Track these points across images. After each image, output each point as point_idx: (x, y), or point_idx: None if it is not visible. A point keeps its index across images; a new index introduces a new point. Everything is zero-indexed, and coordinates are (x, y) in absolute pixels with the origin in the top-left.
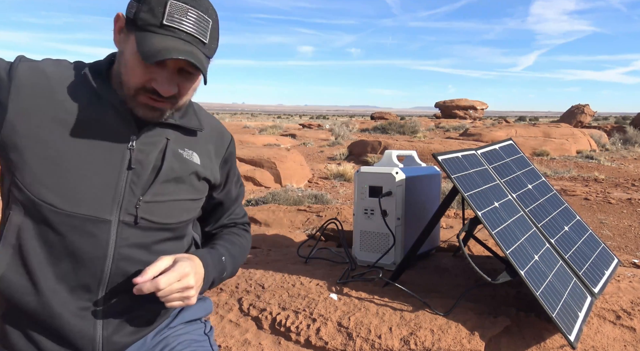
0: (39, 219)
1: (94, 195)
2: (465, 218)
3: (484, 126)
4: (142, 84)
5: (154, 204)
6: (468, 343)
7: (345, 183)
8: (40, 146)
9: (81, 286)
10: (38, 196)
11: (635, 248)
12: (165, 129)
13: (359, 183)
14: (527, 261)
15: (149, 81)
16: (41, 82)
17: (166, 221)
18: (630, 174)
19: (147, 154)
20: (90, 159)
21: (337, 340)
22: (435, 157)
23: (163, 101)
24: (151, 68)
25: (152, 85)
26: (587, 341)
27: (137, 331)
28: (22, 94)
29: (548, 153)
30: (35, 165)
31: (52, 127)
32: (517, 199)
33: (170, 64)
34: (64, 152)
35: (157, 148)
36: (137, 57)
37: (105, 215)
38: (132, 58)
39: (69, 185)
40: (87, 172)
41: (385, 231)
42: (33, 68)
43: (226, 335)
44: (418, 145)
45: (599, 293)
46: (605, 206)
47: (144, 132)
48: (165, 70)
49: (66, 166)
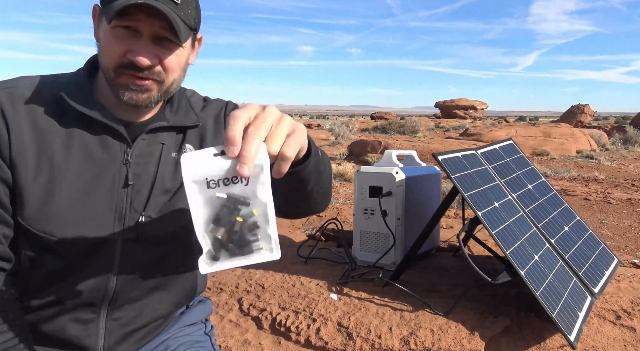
0: (43, 249)
1: (93, 218)
2: (465, 218)
3: (484, 126)
4: (119, 60)
5: (157, 218)
6: (468, 343)
7: (345, 183)
8: (33, 181)
9: (85, 303)
10: (38, 229)
11: (635, 248)
12: (159, 133)
13: (359, 183)
14: (527, 261)
15: (124, 54)
16: (25, 114)
17: (171, 231)
18: (630, 174)
19: (145, 166)
20: (85, 182)
21: (337, 340)
22: (435, 157)
23: (146, 77)
24: (125, 39)
25: (129, 57)
26: (587, 341)
27: (139, 340)
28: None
29: (548, 153)
30: (31, 200)
31: (41, 158)
32: (517, 199)
33: (143, 30)
34: (57, 181)
35: (154, 157)
36: (109, 32)
37: (107, 234)
38: (106, 36)
39: (66, 213)
40: (84, 196)
41: (385, 231)
42: (12, 97)
43: (226, 335)
44: (418, 145)
45: (599, 293)
46: (605, 206)
47: (137, 144)
48: (141, 38)
49: (61, 194)
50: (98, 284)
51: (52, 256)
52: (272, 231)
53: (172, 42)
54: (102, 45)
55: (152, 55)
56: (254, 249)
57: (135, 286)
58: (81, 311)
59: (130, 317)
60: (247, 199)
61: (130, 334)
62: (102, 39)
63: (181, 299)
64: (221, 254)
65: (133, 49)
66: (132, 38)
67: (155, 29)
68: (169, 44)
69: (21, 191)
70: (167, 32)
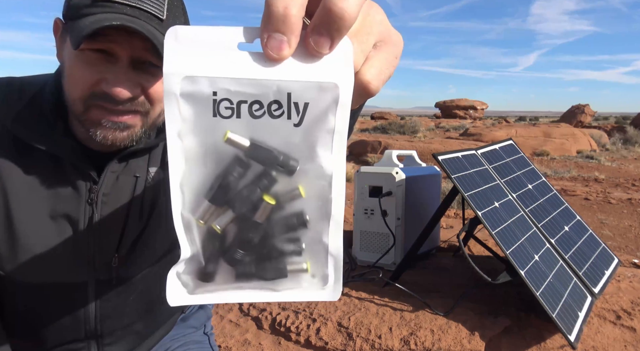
0: (14, 292)
1: (59, 261)
2: (465, 218)
3: (484, 126)
4: (88, 91)
5: (133, 255)
6: (468, 343)
7: (346, 183)
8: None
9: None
10: (7, 272)
11: (635, 248)
12: (132, 160)
13: (359, 183)
14: (527, 261)
15: (96, 84)
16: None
17: (150, 263)
18: (631, 174)
19: (115, 204)
20: (45, 225)
21: (337, 340)
22: (436, 158)
23: (125, 110)
24: (98, 66)
25: (103, 88)
26: (587, 341)
27: None
28: None
29: (548, 153)
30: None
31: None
32: (517, 199)
33: (120, 53)
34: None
35: (126, 192)
36: (74, 55)
37: (77, 278)
38: (70, 60)
39: (28, 256)
40: (45, 239)
41: (385, 231)
42: None
43: (226, 335)
44: (418, 145)
45: (599, 293)
46: (605, 206)
47: (105, 179)
48: (117, 64)
49: (21, 237)
50: (77, 325)
51: (23, 297)
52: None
53: (156, 67)
54: (67, 72)
55: (133, 84)
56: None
57: (119, 321)
58: (70, 346)
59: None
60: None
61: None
62: (67, 63)
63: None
64: (219, 268)
65: (108, 77)
66: (106, 63)
67: (136, 51)
68: (152, 68)
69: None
70: (150, 55)
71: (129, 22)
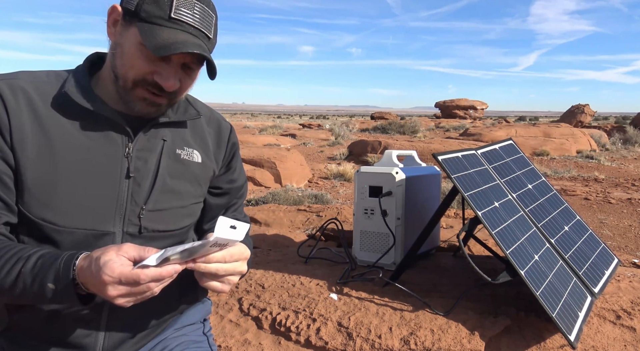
0: (43, 239)
1: (94, 209)
2: (465, 218)
3: (484, 125)
4: (142, 76)
5: (158, 212)
6: (468, 343)
7: (345, 183)
8: (34, 167)
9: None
10: (38, 217)
11: (635, 248)
12: (160, 129)
13: (359, 183)
14: (527, 261)
15: (150, 74)
16: (25, 103)
17: (170, 227)
18: (631, 174)
19: (146, 161)
20: (86, 173)
21: (337, 340)
22: (435, 157)
23: (162, 95)
24: (155, 61)
25: (155, 78)
26: (587, 341)
27: (139, 341)
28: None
29: (548, 153)
30: (32, 187)
31: (42, 147)
32: (517, 199)
33: (175, 58)
34: (59, 170)
35: (155, 152)
36: (139, 48)
37: (108, 227)
38: (134, 50)
39: (67, 202)
40: (85, 186)
41: (385, 231)
42: (12, 87)
43: (226, 335)
44: (418, 145)
45: (599, 292)
46: (605, 206)
47: (139, 138)
48: (171, 64)
49: (63, 183)
50: None
51: (49, 246)
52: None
53: (194, 70)
54: (125, 54)
55: (177, 80)
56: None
57: None
58: (83, 310)
59: (131, 317)
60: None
61: (129, 334)
62: (127, 48)
63: (185, 290)
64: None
65: (161, 73)
66: (161, 61)
67: (186, 59)
68: (191, 71)
69: (21, 177)
70: (195, 63)
71: (198, 48)
